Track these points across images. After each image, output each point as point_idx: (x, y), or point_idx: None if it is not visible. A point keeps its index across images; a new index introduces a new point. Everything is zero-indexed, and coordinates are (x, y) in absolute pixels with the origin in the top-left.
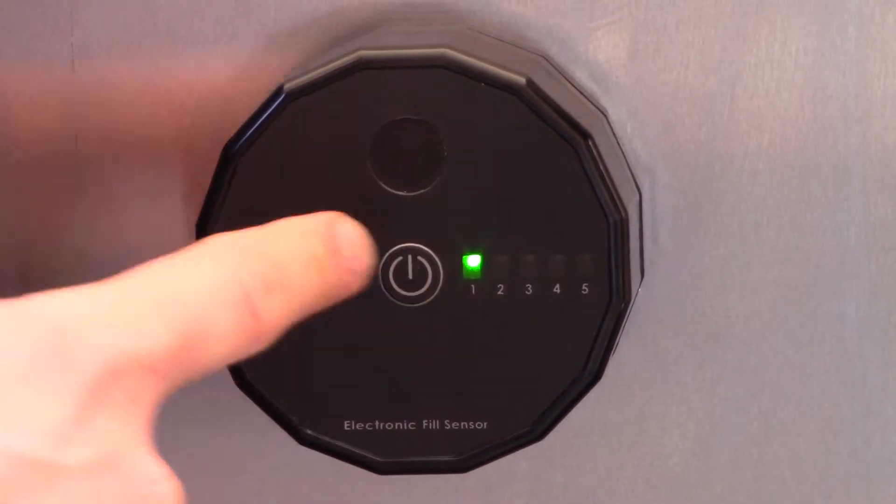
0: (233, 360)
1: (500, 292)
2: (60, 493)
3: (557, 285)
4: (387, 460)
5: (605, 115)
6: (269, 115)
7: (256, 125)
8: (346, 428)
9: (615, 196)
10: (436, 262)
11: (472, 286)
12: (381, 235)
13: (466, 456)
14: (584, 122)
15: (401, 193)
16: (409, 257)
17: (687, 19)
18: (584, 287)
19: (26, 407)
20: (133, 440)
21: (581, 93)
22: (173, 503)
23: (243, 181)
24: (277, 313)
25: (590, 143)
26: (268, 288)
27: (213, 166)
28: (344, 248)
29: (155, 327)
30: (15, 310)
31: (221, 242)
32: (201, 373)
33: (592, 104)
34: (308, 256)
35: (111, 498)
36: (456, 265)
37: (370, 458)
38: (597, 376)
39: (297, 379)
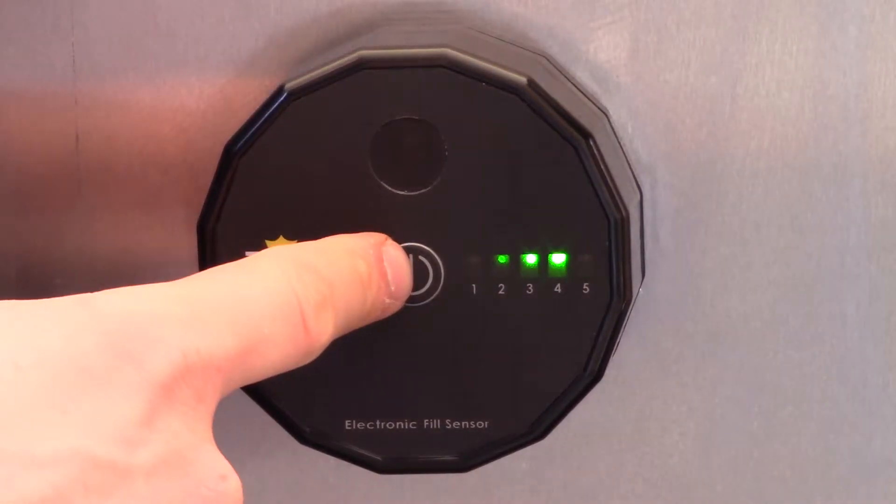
0: (282, 370)
1: (500, 292)
2: (130, 493)
3: (558, 285)
4: (388, 460)
5: (606, 115)
6: (270, 114)
7: (257, 125)
8: (347, 427)
9: (616, 196)
10: (437, 262)
11: (473, 286)
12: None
13: (467, 455)
14: (585, 121)
15: (401, 193)
16: (410, 257)
17: (688, 19)
18: (584, 287)
19: (96, 406)
20: (200, 438)
21: (582, 92)
22: (238, 499)
23: (244, 181)
24: (325, 329)
25: (591, 142)
26: (319, 305)
27: (213, 166)
28: (388, 271)
29: (222, 329)
30: (85, 305)
31: (280, 255)
32: (255, 378)
33: (593, 104)
34: (356, 277)
35: (181, 496)
36: (457, 265)
37: (371, 457)
38: (597, 376)
39: (299, 378)
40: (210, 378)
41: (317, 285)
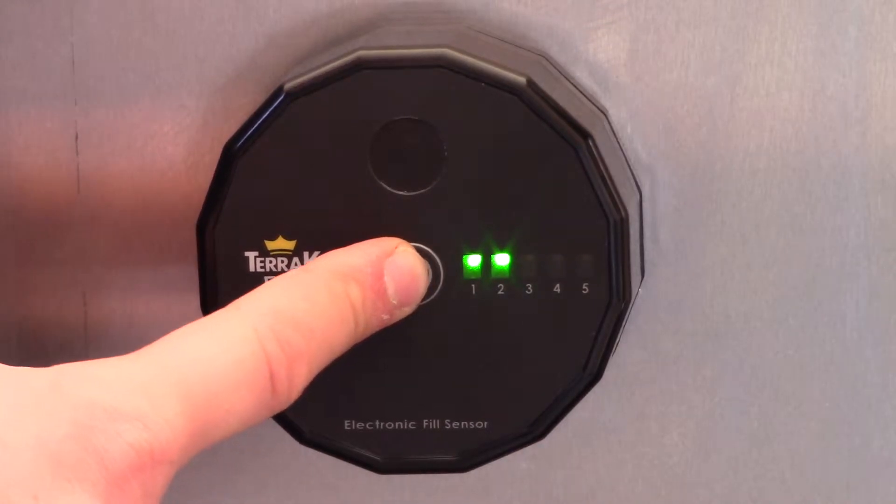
0: (248, 427)
1: (500, 292)
2: None
3: (558, 285)
4: (387, 459)
5: (605, 115)
6: (270, 114)
7: (257, 125)
8: (346, 427)
9: (615, 196)
10: (436, 262)
11: (473, 286)
12: (381, 235)
13: (466, 455)
14: (585, 121)
15: (401, 193)
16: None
17: (687, 19)
18: (584, 287)
19: (63, 499)
20: None
21: (581, 92)
22: None
23: (243, 181)
24: (298, 383)
25: (590, 142)
26: (293, 360)
27: (213, 166)
28: (390, 285)
29: (178, 417)
30: (57, 390)
31: (257, 308)
32: (214, 443)
33: (593, 104)
34: (344, 308)
35: None
36: (456, 265)
37: (371, 457)
38: (597, 376)
39: None
40: (160, 471)
41: (293, 340)
